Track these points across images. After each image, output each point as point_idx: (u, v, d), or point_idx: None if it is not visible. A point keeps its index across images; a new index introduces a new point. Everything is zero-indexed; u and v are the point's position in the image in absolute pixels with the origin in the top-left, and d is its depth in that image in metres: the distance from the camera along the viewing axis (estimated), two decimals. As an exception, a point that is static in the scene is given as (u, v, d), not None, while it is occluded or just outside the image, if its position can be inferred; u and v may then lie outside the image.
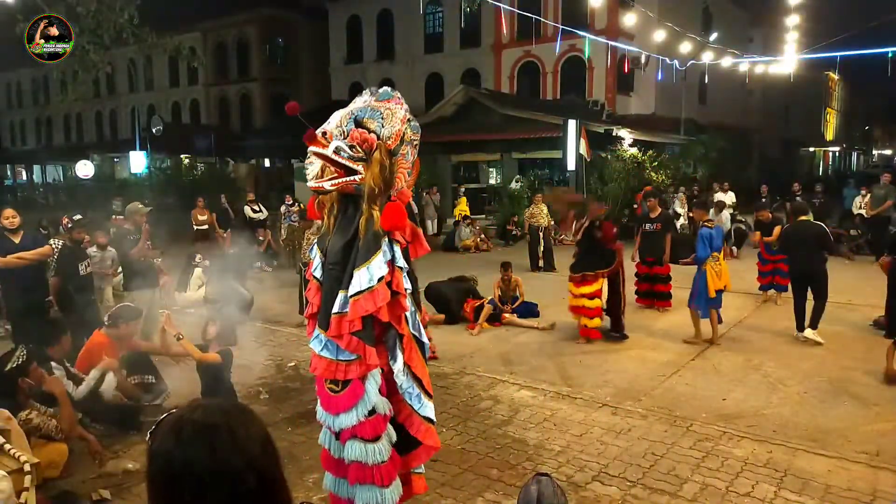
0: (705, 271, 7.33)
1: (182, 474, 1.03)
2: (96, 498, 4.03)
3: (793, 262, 7.75)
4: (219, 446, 1.04)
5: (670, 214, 10.97)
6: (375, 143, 2.97)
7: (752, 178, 27.24)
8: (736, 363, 6.73)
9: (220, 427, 1.07)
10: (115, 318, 5.45)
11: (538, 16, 15.69)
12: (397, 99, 3.15)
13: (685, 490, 4.11)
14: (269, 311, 9.16)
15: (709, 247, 7.32)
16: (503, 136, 20.84)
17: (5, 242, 6.46)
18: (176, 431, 1.06)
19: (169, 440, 1.06)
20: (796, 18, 14.43)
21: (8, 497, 3.23)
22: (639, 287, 9.30)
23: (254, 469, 1.06)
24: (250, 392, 5.91)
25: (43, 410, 4.17)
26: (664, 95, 24.92)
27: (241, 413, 1.13)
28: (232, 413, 1.11)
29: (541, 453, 4.67)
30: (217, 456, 1.04)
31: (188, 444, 1.05)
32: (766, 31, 31.23)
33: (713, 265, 7.36)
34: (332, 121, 3.13)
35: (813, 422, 5.21)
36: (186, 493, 1.03)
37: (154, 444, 1.07)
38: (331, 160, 2.92)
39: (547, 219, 13.57)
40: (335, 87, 34.03)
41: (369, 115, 3.03)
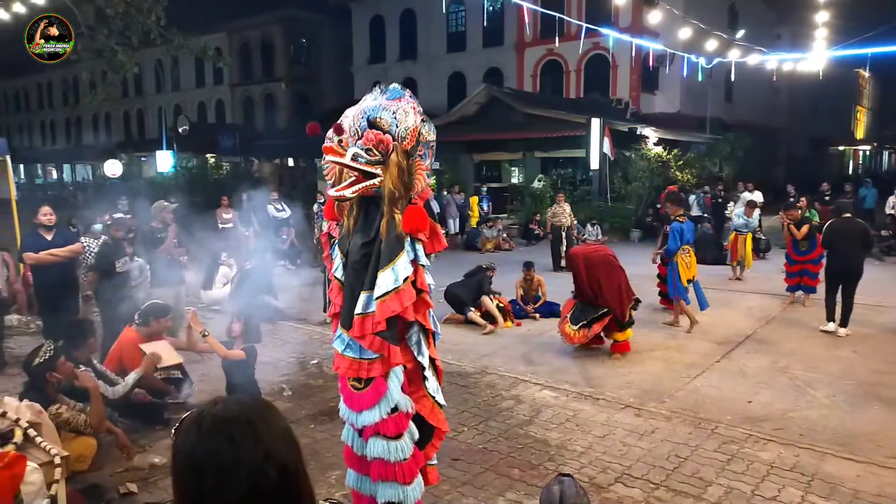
0: (676, 262, 7.85)
1: (204, 468, 1.05)
2: (124, 491, 4.10)
3: (834, 259, 7.72)
4: (239, 439, 1.06)
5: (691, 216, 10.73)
6: (391, 144, 2.96)
7: (779, 178, 26.85)
8: (762, 365, 6.64)
9: (240, 420, 1.09)
10: (145, 315, 5.54)
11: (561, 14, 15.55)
12: (408, 98, 3.10)
13: (709, 493, 4.07)
14: (293, 309, 9.24)
15: (679, 240, 7.82)
16: (525, 135, 20.78)
17: (38, 240, 6.62)
18: (197, 426, 1.08)
19: (191, 435, 1.08)
20: (825, 15, 14.17)
21: (39, 489, 3.30)
22: (661, 288, 9.04)
23: (275, 462, 1.07)
24: (273, 389, 5.96)
25: (72, 405, 4.25)
26: (689, 93, 24.64)
27: (262, 407, 1.14)
28: (252, 407, 1.13)
29: (563, 454, 4.64)
30: (237, 449, 1.05)
31: (209, 437, 1.07)
32: (793, 28, 30.68)
33: (683, 257, 7.86)
34: (346, 117, 3.12)
35: (841, 426, 5.11)
36: (209, 486, 1.05)
37: (178, 440, 1.09)
38: (349, 167, 2.93)
39: (570, 218, 13.51)
40: (358, 86, 34.19)
41: (382, 115, 3.01)
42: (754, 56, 14.97)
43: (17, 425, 3.50)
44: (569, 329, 7.03)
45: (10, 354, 6.85)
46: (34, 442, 3.51)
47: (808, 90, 32.07)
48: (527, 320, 8.67)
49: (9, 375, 6.28)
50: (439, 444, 3.45)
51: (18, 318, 8.11)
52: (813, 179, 20.98)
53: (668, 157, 19.68)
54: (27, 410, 3.62)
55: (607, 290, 6.87)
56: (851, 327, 7.56)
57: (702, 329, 8.04)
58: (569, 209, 13.59)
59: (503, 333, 8.12)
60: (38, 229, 6.69)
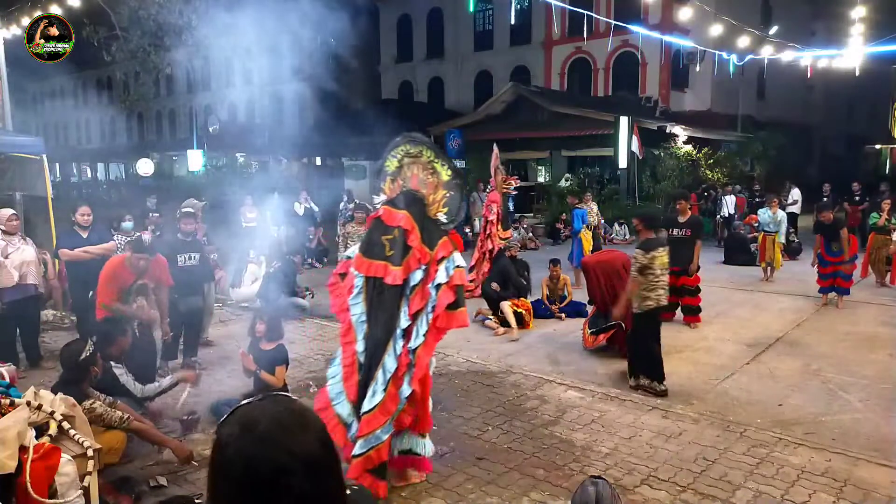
0: (581, 238, 10.79)
1: (240, 469, 1.07)
2: (154, 484, 4.18)
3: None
4: (279, 447, 1.08)
5: (700, 219, 9.94)
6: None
7: (814, 176, 26.28)
8: (793, 368, 6.51)
9: (283, 418, 1.11)
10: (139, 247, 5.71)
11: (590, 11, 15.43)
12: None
13: (738, 497, 4.00)
14: (319, 307, 9.31)
15: (581, 221, 10.95)
16: (552, 134, 20.66)
17: (74, 238, 6.79)
18: (241, 422, 1.10)
19: (233, 430, 1.10)
20: (862, 10, 13.82)
21: (72, 480, 3.38)
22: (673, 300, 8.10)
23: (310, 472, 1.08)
24: (300, 385, 6.02)
25: (104, 399, 4.34)
26: (720, 91, 24.23)
27: (302, 415, 1.16)
28: (293, 414, 1.14)
29: (588, 455, 4.61)
30: (276, 456, 1.07)
31: (251, 434, 1.08)
32: (829, 23, 29.96)
33: (585, 234, 10.82)
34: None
35: (876, 431, 4.99)
36: (244, 487, 1.06)
37: (218, 435, 1.11)
38: None
39: (597, 218, 13.39)
40: (385, 86, 34.34)
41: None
42: (788, 53, 14.67)
43: (51, 418, 3.58)
44: (587, 332, 7.05)
45: (45, 349, 7.02)
46: (68, 434, 3.59)
47: (844, 87, 31.26)
48: (552, 320, 8.61)
49: (44, 369, 6.44)
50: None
51: (54, 314, 8.30)
52: (848, 178, 20.50)
53: (698, 156, 19.40)
54: (62, 404, 3.70)
55: (615, 302, 6.57)
56: (887, 330, 7.33)
57: (732, 331, 7.92)
58: (596, 208, 13.46)
59: (529, 333, 8.08)
60: (75, 227, 6.85)
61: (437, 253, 3.99)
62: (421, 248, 3.99)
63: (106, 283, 5.59)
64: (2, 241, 6.36)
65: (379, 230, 4.13)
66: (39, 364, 6.63)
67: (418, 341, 3.93)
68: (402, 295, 4.00)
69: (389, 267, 3.99)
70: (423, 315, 3.96)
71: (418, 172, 4.26)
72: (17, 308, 6.38)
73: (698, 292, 8.21)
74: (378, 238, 4.11)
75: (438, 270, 3.95)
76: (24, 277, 6.39)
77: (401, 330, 3.95)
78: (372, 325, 4.03)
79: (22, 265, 6.40)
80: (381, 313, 3.99)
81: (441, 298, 3.91)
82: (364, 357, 4.03)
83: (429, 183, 4.23)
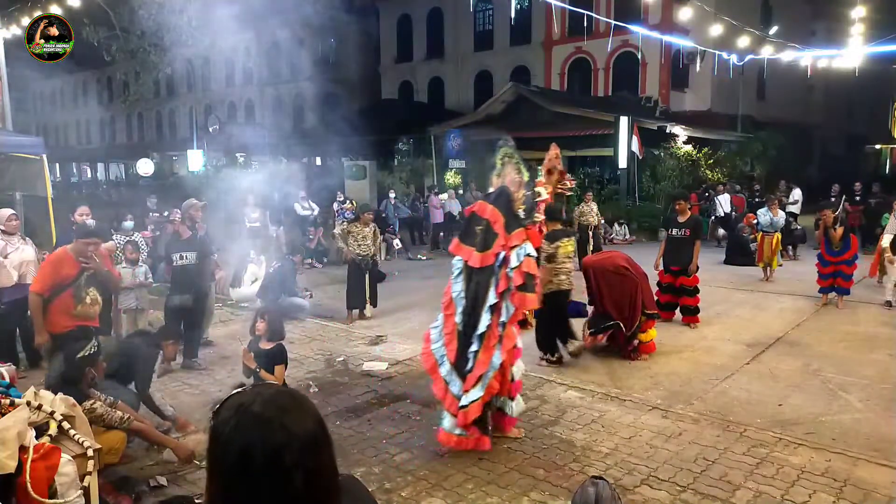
0: None
1: (237, 450, 1.07)
2: (154, 484, 4.18)
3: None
4: (274, 425, 1.08)
5: (700, 219, 9.88)
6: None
7: (813, 177, 26.28)
8: (793, 368, 6.51)
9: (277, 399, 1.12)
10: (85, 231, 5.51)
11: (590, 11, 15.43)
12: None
13: (738, 497, 4.01)
14: (320, 307, 9.32)
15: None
16: (552, 134, 20.46)
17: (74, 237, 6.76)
18: (234, 409, 1.11)
19: (227, 417, 1.10)
20: (862, 10, 13.82)
21: (72, 480, 3.38)
22: (660, 298, 8.14)
23: (306, 449, 1.09)
24: (300, 385, 6.02)
25: (104, 398, 4.34)
26: (720, 91, 24.23)
27: (295, 396, 1.17)
28: (287, 395, 1.16)
29: (588, 455, 4.61)
30: (272, 434, 1.07)
31: (244, 421, 1.09)
32: (829, 23, 29.97)
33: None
34: None
35: (876, 431, 4.99)
36: (242, 468, 1.07)
37: (214, 422, 1.12)
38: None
39: (597, 217, 13.41)
40: (385, 86, 34.34)
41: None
42: (788, 53, 14.67)
43: (51, 418, 3.58)
44: (586, 332, 7.08)
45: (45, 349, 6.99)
46: (68, 434, 3.59)
47: (845, 87, 31.28)
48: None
49: (44, 369, 6.38)
50: None
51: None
52: (848, 179, 20.50)
53: (698, 156, 19.39)
54: (62, 404, 3.70)
55: (612, 304, 6.83)
56: (887, 330, 7.33)
57: (732, 331, 7.92)
58: (596, 208, 13.49)
59: (529, 333, 8.04)
60: (74, 227, 6.85)
61: (511, 241, 4.63)
62: (506, 237, 4.63)
63: (44, 271, 5.32)
64: (1, 241, 6.35)
65: (474, 221, 4.79)
66: (39, 364, 6.60)
67: (506, 317, 4.58)
68: (492, 276, 4.63)
69: (474, 252, 4.66)
70: (507, 295, 4.61)
71: (511, 172, 4.96)
72: (16, 308, 6.36)
73: (697, 292, 8.22)
74: (472, 228, 4.78)
75: (511, 256, 4.60)
76: (23, 277, 6.37)
77: (489, 306, 4.57)
78: (469, 300, 4.68)
79: (21, 265, 6.40)
80: (477, 290, 4.65)
81: (514, 279, 4.57)
82: (462, 327, 4.68)
83: (517, 181, 4.93)
